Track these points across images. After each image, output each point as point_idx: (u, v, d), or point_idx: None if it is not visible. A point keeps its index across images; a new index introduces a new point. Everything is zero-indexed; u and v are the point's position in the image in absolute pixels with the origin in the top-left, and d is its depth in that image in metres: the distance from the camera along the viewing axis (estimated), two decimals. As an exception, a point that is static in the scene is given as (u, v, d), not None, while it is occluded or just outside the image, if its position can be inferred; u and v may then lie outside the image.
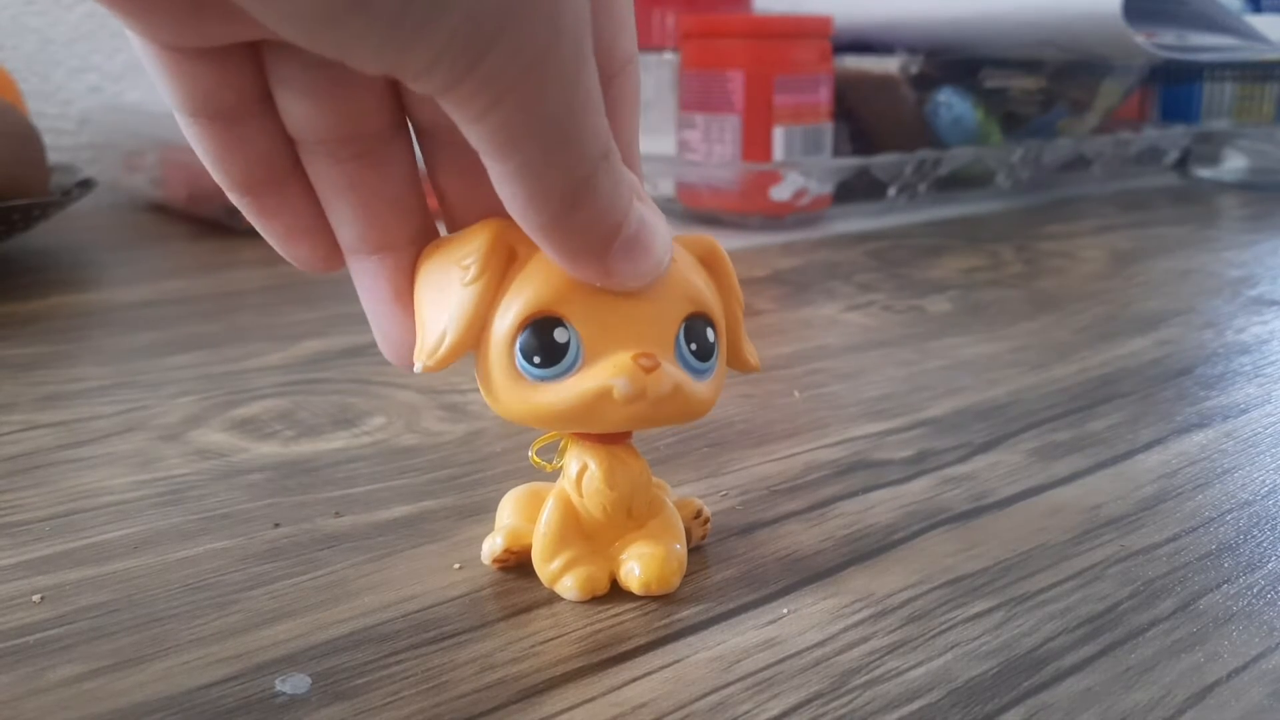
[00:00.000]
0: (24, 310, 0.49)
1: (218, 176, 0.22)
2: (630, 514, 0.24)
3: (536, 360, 0.21)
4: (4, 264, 0.57)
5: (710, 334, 0.23)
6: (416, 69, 0.17)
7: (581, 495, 0.23)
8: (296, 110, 0.21)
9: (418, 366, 0.22)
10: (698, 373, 0.22)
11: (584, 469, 0.23)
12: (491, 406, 0.23)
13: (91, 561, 0.25)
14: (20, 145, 0.56)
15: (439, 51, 0.17)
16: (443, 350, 0.21)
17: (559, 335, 0.21)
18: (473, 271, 0.21)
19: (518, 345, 0.21)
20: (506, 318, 0.21)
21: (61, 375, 0.39)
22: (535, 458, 0.25)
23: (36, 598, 0.24)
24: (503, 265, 0.21)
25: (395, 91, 0.22)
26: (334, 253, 0.23)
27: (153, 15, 0.18)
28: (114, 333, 0.46)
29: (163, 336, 0.45)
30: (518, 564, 0.25)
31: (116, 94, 0.83)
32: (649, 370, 0.21)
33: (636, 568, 0.23)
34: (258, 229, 0.23)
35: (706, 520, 0.26)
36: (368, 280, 0.23)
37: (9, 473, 0.30)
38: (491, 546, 0.24)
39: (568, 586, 0.23)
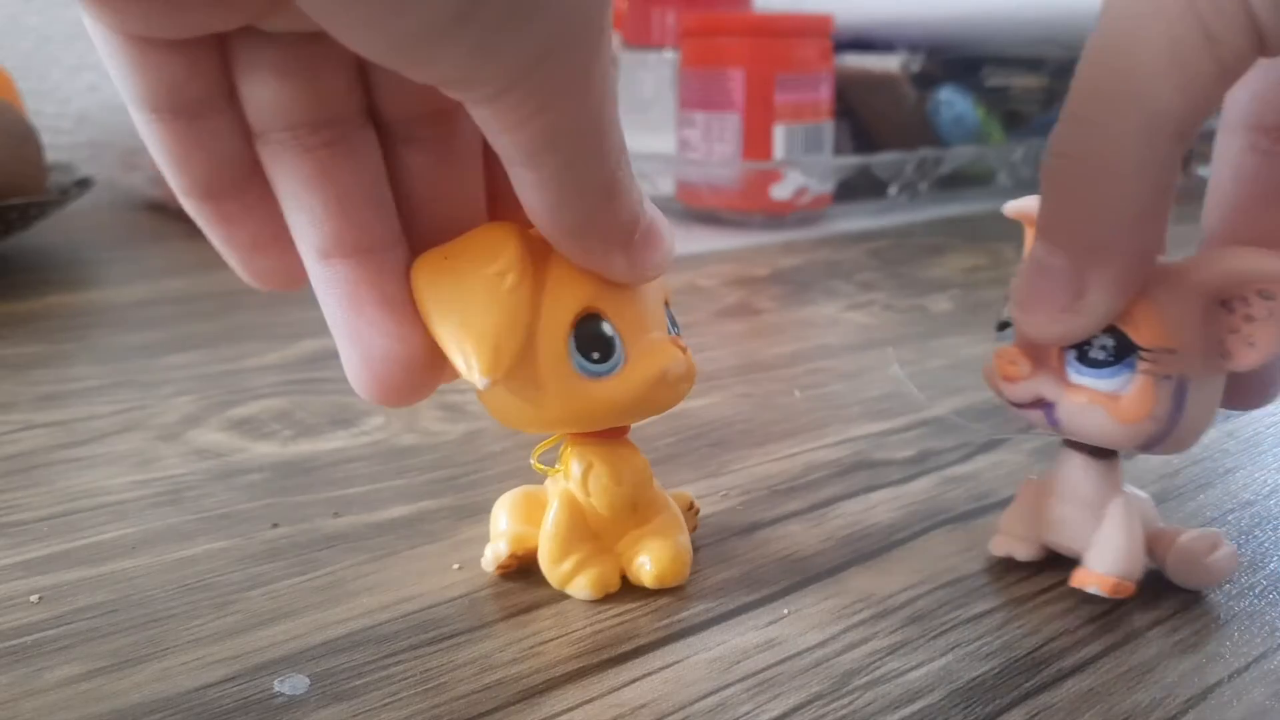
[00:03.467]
0: (21, 309, 0.49)
1: (178, 180, 0.20)
2: (635, 510, 0.24)
3: (595, 356, 0.21)
4: (2, 263, 0.57)
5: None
6: (479, 79, 0.17)
7: (589, 494, 0.23)
8: (267, 96, 0.20)
9: (483, 382, 0.20)
10: None
11: (589, 468, 0.23)
12: (520, 417, 0.22)
13: (89, 562, 0.25)
14: (18, 144, 0.56)
15: (510, 62, 0.16)
16: (505, 360, 0.20)
17: (606, 330, 0.22)
18: (512, 277, 0.21)
19: (572, 345, 0.21)
20: (555, 318, 0.21)
21: (59, 375, 0.39)
22: (538, 464, 0.25)
23: (34, 598, 0.23)
24: (533, 268, 0.21)
25: (364, 76, 0.21)
26: (300, 265, 0.21)
27: (129, 6, 0.17)
28: (112, 332, 0.46)
29: (161, 336, 0.44)
30: (519, 568, 0.24)
31: (114, 93, 0.82)
32: (684, 351, 0.22)
33: (648, 562, 0.24)
34: (218, 243, 0.21)
35: (696, 511, 0.26)
36: (345, 288, 0.21)
37: (7, 472, 0.30)
38: (495, 553, 0.24)
39: (581, 586, 0.23)
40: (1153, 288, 0.21)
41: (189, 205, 0.21)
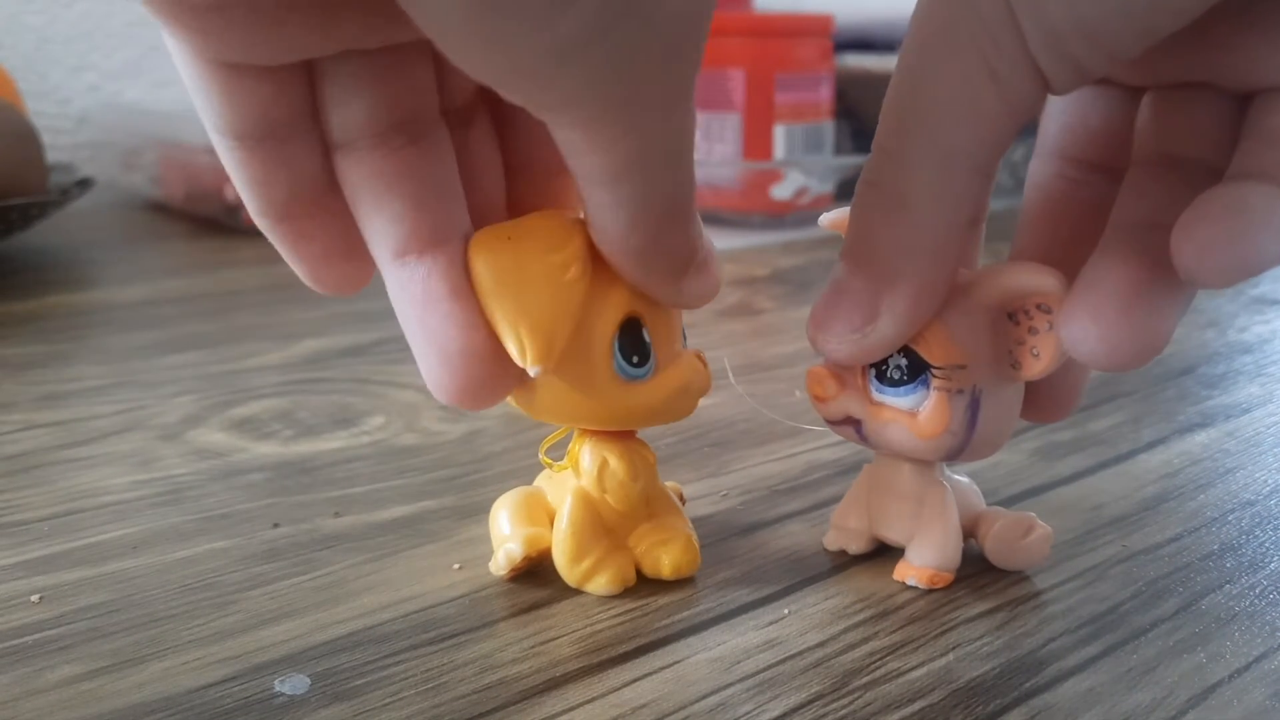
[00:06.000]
0: (22, 309, 0.49)
1: (257, 202, 0.20)
2: (646, 504, 0.24)
3: (635, 360, 0.22)
4: (2, 263, 0.57)
5: None
6: (584, 101, 0.17)
7: (604, 491, 0.23)
8: (355, 107, 0.20)
9: (535, 370, 0.20)
10: None
11: (604, 465, 0.23)
12: (550, 408, 0.22)
13: (90, 561, 0.25)
14: (18, 144, 0.56)
15: (619, 84, 0.16)
16: (557, 350, 0.20)
17: (645, 336, 0.22)
18: (575, 269, 0.21)
19: (617, 346, 0.22)
20: (605, 318, 0.21)
21: (60, 375, 0.39)
22: (546, 459, 0.25)
23: (35, 598, 0.23)
24: (591, 264, 0.21)
25: (440, 73, 0.21)
26: (365, 271, 0.22)
27: (227, 33, 0.17)
28: (112, 332, 0.46)
29: (161, 336, 0.44)
30: (526, 570, 0.24)
31: (115, 93, 0.83)
32: (704, 365, 0.23)
33: (664, 555, 0.24)
34: (289, 256, 0.21)
35: (684, 502, 0.27)
36: (418, 285, 0.20)
37: (7, 472, 0.30)
38: (509, 555, 0.24)
39: (601, 584, 0.24)
40: (942, 306, 0.22)
41: (264, 225, 0.21)
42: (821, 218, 0.26)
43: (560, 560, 0.24)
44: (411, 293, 0.21)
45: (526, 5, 0.14)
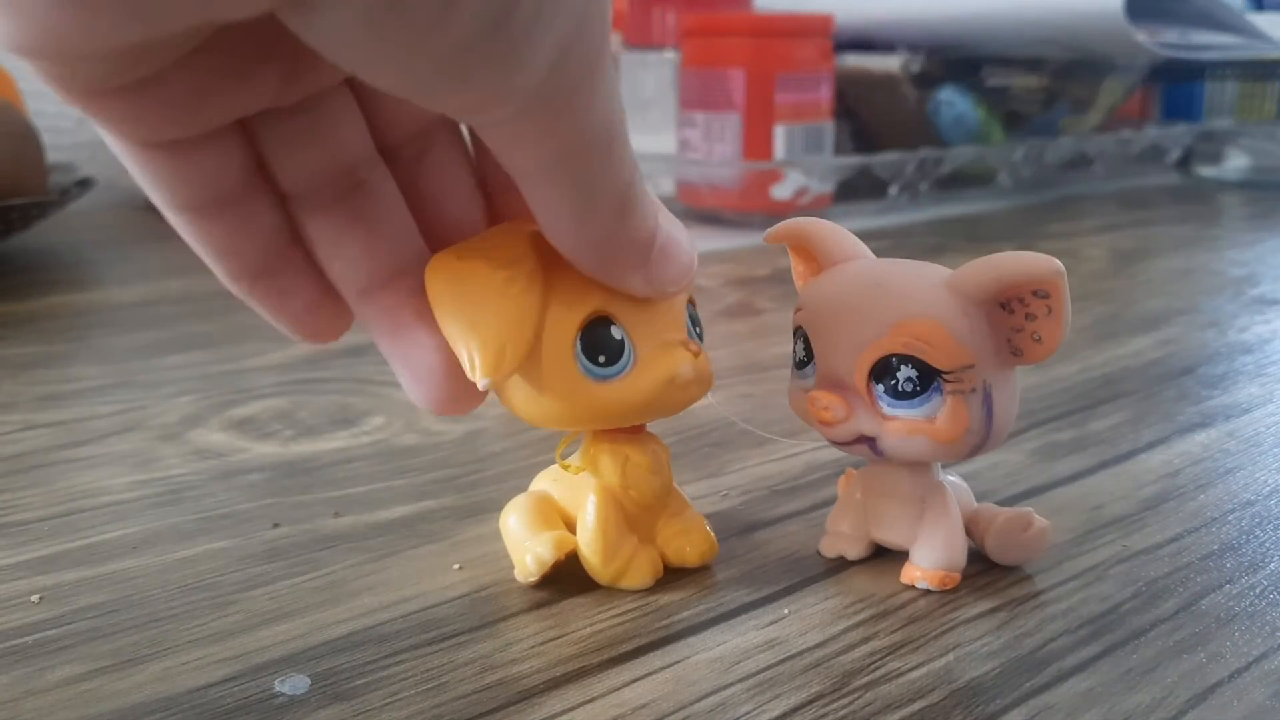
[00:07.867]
0: (22, 309, 0.49)
1: (232, 269, 0.20)
2: (667, 494, 0.24)
3: (601, 360, 0.22)
4: (2, 263, 0.57)
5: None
6: (504, 94, 0.16)
7: (629, 486, 0.24)
8: (299, 160, 0.20)
9: (483, 383, 0.21)
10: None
11: (626, 461, 0.23)
12: (533, 414, 0.22)
13: (90, 562, 0.25)
14: (19, 144, 0.56)
15: (532, 70, 0.16)
16: (507, 361, 0.21)
17: (615, 333, 0.22)
18: (522, 281, 0.21)
19: (578, 347, 0.22)
20: (563, 322, 0.21)
21: (60, 375, 0.39)
22: (562, 461, 0.25)
23: (35, 598, 0.23)
24: (544, 271, 0.21)
25: (373, 114, 0.21)
26: (348, 313, 0.22)
27: (153, 113, 0.17)
28: (113, 332, 0.46)
29: (161, 336, 0.44)
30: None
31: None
32: (696, 354, 0.23)
33: (687, 545, 0.24)
34: (274, 315, 0.22)
35: None
36: (386, 315, 0.21)
37: (7, 473, 0.30)
38: (539, 560, 0.24)
39: (635, 579, 0.24)
40: (936, 309, 0.22)
41: (242, 289, 0.21)
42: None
43: (593, 560, 0.24)
44: (381, 325, 0.22)
45: (415, 11, 0.14)
